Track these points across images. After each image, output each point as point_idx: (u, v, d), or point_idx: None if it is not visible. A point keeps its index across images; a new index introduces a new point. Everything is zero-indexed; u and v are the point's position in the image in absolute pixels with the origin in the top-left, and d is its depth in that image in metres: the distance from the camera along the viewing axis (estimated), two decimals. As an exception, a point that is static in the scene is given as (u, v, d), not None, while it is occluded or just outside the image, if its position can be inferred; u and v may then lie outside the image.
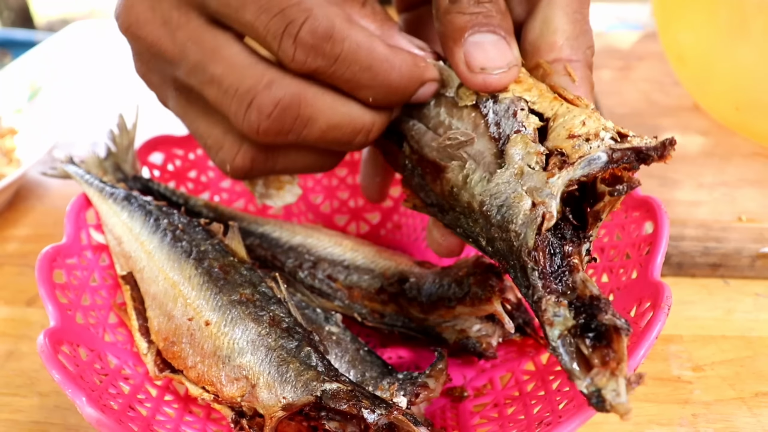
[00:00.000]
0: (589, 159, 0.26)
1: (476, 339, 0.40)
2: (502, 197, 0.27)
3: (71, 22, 1.36)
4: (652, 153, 0.26)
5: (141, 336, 0.38)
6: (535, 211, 0.26)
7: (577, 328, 0.25)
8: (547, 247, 0.26)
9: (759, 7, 0.49)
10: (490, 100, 0.30)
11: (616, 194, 0.26)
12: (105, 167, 0.49)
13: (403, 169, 0.35)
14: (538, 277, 0.26)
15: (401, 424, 0.30)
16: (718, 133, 0.60)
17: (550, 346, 0.25)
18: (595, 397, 0.24)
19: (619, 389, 0.23)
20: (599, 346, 0.24)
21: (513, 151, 0.28)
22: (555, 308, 0.25)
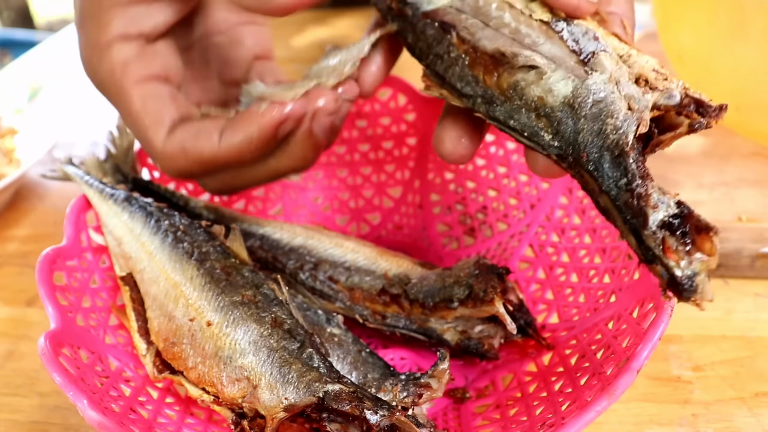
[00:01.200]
0: (670, 93, 0.29)
1: (478, 340, 0.40)
2: (601, 94, 0.29)
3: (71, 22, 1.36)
4: (711, 110, 0.28)
5: (140, 337, 0.38)
6: (633, 114, 0.28)
7: (670, 222, 0.26)
8: (636, 150, 0.28)
9: (759, 8, 0.49)
10: (564, 22, 0.32)
11: (697, 127, 0.28)
12: (105, 169, 0.49)
13: (438, 57, 0.35)
14: (636, 167, 0.27)
15: (403, 425, 0.30)
16: (718, 133, 0.60)
17: (646, 231, 0.26)
18: (689, 281, 0.26)
19: (708, 280, 0.26)
20: (690, 242, 0.26)
21: (606, 63, 0.30)
22: (659, 195, 0.27)
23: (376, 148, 0.56)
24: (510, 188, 0.50)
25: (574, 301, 0.42)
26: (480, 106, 0.33)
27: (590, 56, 0.30)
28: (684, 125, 0.29)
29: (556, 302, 0.43)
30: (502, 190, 0.51)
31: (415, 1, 0.36)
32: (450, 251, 0.53)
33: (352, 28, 1.04)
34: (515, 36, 0.32)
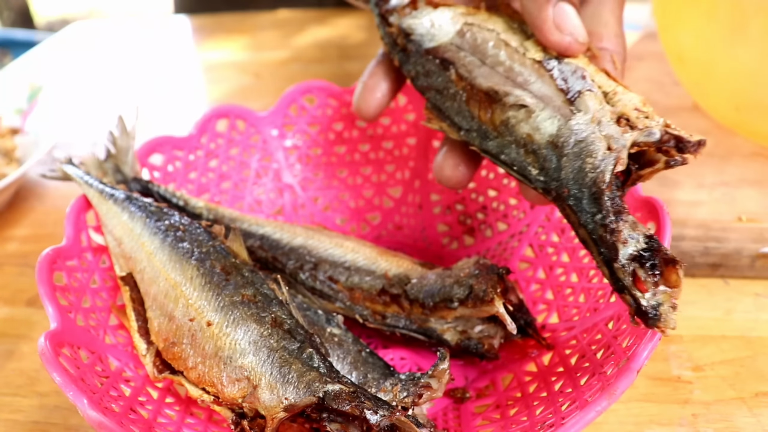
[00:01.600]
0: (649, 131, 0.30)
1: (478, 340, 0.40)
2: (582, 135, 0.31)
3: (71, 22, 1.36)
4: (690, 146, 0.30)
5: (140, 337, 0.38)
6: (612, 153, 0.30)
7: (640, 255, 0.29)
8: (616, 189, 0.30)
9: (759, 8, 0.49)
10: (555, 60, 0.34)
11: (672, 164, 0.31)
12: (105, 169, 0.49)
13: (438, 92, 0.38)
14: (611, 204, 0.30)
15: (403, 425, 0.30)
16: (718, 134, 0.60)
17: (617, 264, 0.29)
18: (653, 310, 0.28)
19: (673, 309, 0.28)
20: (658, 274, 0.28)
21: (589, 104, 0.32)
22: (630, 231, 0.29)
23: (376, 148, 0.56)
24: (510, 188, 0.50)
25: (574, 301, 0.42)
26: (475, 140, 0.36)
27: (576, 95, 0.33)
28: (661, 162, 0.31)
29: (556, 302, 0.43)
30: (502, 190, 0.51)
31: (418, 38, 0.39)
32: (450, 251, 0.53)
33: (352, 28, 1.04)
34: (509, 74, 0.35)
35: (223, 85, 0.90)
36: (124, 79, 0.96)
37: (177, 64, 1.00)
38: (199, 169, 0.53)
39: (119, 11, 3.03)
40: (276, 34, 1.06)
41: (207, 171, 0.53)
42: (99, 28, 1.17)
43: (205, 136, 0.52)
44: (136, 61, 1.02)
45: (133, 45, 1.09)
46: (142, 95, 0.89)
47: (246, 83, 0.89)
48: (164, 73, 0.97)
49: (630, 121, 0.31)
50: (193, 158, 0.52)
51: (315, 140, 0.55)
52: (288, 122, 0.55)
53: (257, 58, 0.97)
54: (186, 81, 0.94)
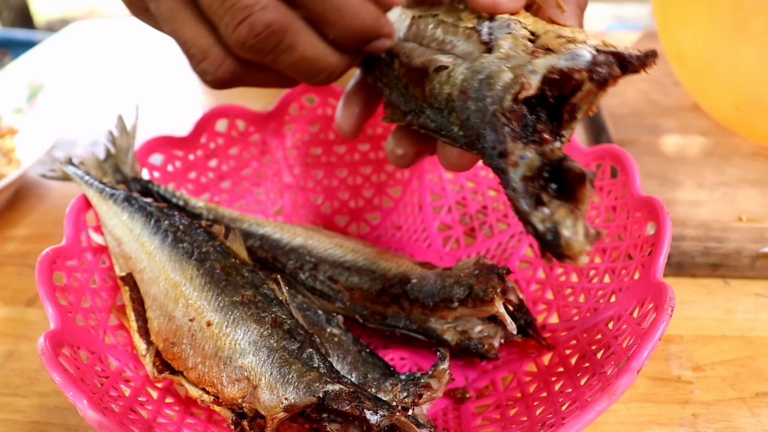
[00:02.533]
0: (574, 53, 0.26)
1: (478, 340, 0.40)
2: (485, 72, 0.28)
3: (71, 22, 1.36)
4: (634, 60, 0.26)
5: (140, 337, 0.38)
6: (515, 80, 0.26)
7: (542, 175, 0.24)
8: (522, 117, 0.26)
9: (759, 7, 0.49)
10: (487, 21, 0.31)
11: (596, 78, 0.26)
12: (104, 168, 0.49)
13: (389, 87, 0.37)
14: (509, 132, 0.25)
15: (403, 425, 0.30)
16: (718, 133, 0.60)
17: (510, 189, 0.25)
18: (551, 233, 0.23)
19: (578, 228, 0.23)
20: (560, 193, 0.24)
21: (503, 44, 0.29)
22: (521, 151, 0.25)
23: (376, 148, 0.56)
24: (510, 188, 0.50)
25: (575, 301, 0.42)
26: (415, 120, 0.34)
27: (494, 40, 0.29)
28: (586, 81, 0.26)
29: (556, 302, 0.43)
30: (502, 190, 0.51)
31: None
32: (450, 251, 0.53)
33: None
34: (440, 46, 0.33)
35: (223, 85, 0.90)
36: (124, 78, 0.95)
37: (177, 64, 1.00)
38: (198, 168, 0.52)
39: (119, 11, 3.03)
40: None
41: (207, 171, 0.53)
42: (99, 28, 1.17)
43: (205, 135, 0.52)
44: (135, 61, 1.02)
45: (133, 45, 1.09)
46: (142, 95, 0.89)
47: (246, 83, 0.89)
48: (164, 73, 0.97)
49: (551, 50, 0.27)
50: (193, 158, 0.52)
51: (315, 140, 0.55)
52: (288, 122, 0.55)
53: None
54: (186, 81, 0.94)
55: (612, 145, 0.42)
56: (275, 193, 0.56)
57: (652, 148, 0.58)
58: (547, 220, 0.23)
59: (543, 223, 0.23)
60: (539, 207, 0.23)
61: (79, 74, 0.97)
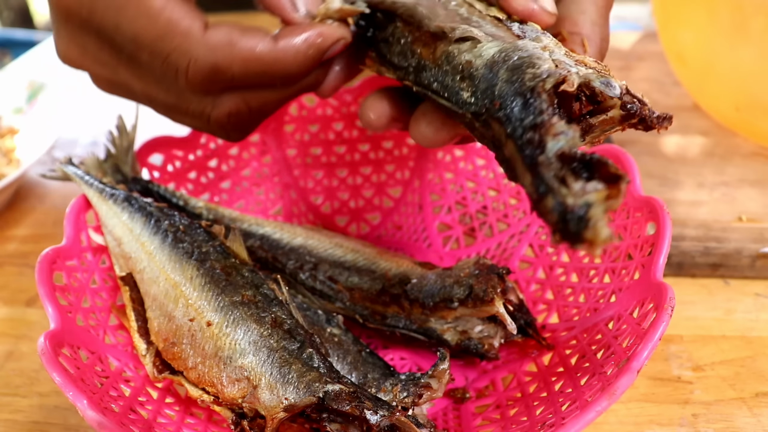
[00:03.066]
0: (609, 81, 0.27)
1: (478, 340, 0.40)
2: (527, 52, 0.28)
3: (70, 21, 1.36)
4: (653, 116, 0.27)
5: (140, 337, 0.38)
6: (559, 70, 0.26)
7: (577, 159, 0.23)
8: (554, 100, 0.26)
9: (759, 7, 0.49)
10: (518, 22, 0.31)
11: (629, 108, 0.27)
12: (105, 168, 0.49)
13: (384, 41, 0.36)
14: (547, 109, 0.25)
15: (403, 425, 0.30)
16: (718, 133, 0.60)
17: (537, 163, 0.23)
18: (582, 210, 0.21)
19: (606, 217, 0.21)
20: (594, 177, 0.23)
21: (541, 37, 0.29)
22: (564, 127, 0.24)
23: (376, 148, 0.56)
24: (510, 188, 0.50)
25: (575, 301, 0.42)
26: (410, 75, 0.33)
27: (528, 36, 0.30)
28: (617, 112, 0.27)
29: (556, 302, 0.43)
30: (502, 190, 0.51)
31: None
32: (450, 251, 0.53)
33: (352, 28, 1.04)
34: (465, 22, 0.32)
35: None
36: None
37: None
38: (198, 168, 0.52)
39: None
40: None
41: (207, 171, 0.53)
42: (99, 28, 1.17)
43: (205, 135, 0.52)
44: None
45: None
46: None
47: (246, 83, 0.89)
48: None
49: (587, 65, 0.28)
50: (193, 158, 0.52)
51: (315, 140, 0.55)
52: (288, 122, 0.55)
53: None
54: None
55: (612, 145, 0.42)
56: (275, 193, 0.56)
57: (652, 148, 0.58)
58: (579, 197, 0.22)
59: (575, 198, 0.22)
60: (571, 183, 0.22)
61: (79, 74, 0.96)
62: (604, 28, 0.35)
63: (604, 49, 0.35)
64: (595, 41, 0.34)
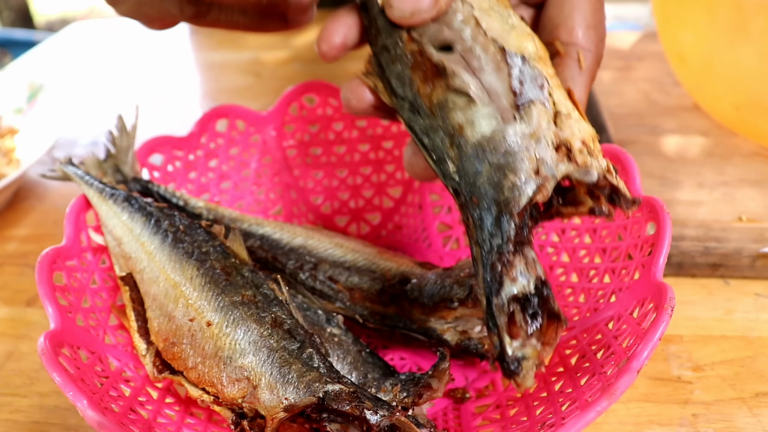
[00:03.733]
0: (587, 171, 0.28)
1: (478, 340, 0.40)
2: (514, 147, 0.29)
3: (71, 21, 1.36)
4: (624, 201, 0.29)
5: (140, 337, 0.38)
6: (537, 178, 0.28)
7: (525, 298, 0.27)
8: (525, 214, 0.28)
9: (759, 7, 0.49)
10: (520, 58, 0.31)
11: (597, 213, 0.29)
12: (104, 168, 0.49)
13: (385, 48, 0.34)
14: (515, 233, 0.27)
15: (403, 425, 0.30)
16: (718, 133, 0.60)
17: (497, 300, 0.27)
18: (516, 362, 0.26)
19: (534, 369, 0.27)
20: (536, 325, 0.27)
21: (535, 117, 0.29)
22: (523, 269, 0.27)
23: (376, 148, 0.56)
24: (510, 188, 0.50)
25: (575, 301, 0.42)
26: (405, 112, 0.33)
27: (527, 104, 0.29)
28: (586, 206, 0.29)
29: (556, 302, 0.43)
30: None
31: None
32: (450, 251, 0.53)
33: (352, 28, 1.04)
34: (465, 54, 0.31)
35: (223, 85, 0.90)
36: (124, 78, 0.95)
37: (177, 64, 1.00)
38: (198, 169, 0.52)
39: (119, 11, 3.02)
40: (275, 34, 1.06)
41: (207, 171, 0.53)
42: (99, 28, 1.17)
43: (205, 135, 0.52)
44: (135, 61, 1.02)
45: (133, 45, 1.09)
46: (142, 95, 0.89)
47: (246, 83, 0.89)
48: (164, 73, 0.97)
49: (571, 153, 0.28)
50: (193, 158, 0.52)
51: (315, 140, 0.55)
52: (288, 122, 0.55)
53: (257, 58, 0.97)
54: (186, 81, 0.94)
55: (612, 145, 0.42)
56: (275, 193, 0.56)
57: (652, 148, 0.58)
58: (518, 350, 0.26)
59: (513, 351, 0.26)
60: (514, 333, 0.27)
61: (79, 74, 0.97)
62: (600, 28, 0.33)
63: (601, 51, 0.34)
64: (591, 50, 0.33)
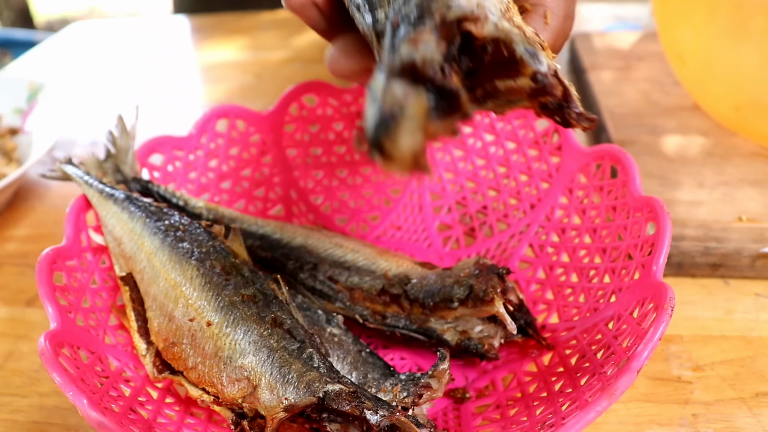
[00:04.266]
0: (536, 53, 0.23)
1: (478, 340, 0.40)
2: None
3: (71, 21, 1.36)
4: (570, 108, 0.24)
5: (140, 337, 0.38)
6: (477, 9, 0.22)
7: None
8: (452, 41, 0.22)
9: (759, 7, 0.49)
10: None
11: (541, 83, 0.23)
12: (105, 168, 0.49)
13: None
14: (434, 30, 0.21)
15: (403, 425, 0.30)
16: (718, 133, 0.60)
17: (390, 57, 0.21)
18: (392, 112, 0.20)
19: (416, 134, 0.20)
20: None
21: None
22: (433, 44, 0.21)
23: (376, 148, 0.56)
24: (510, 188, 0.50)
25: (575, 302, 0.42)
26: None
27: None
28: (526, 77, 0.23)
29: (556, 302, 0.43)
30: (502, 190, 0.51)
31: None
32: (450, 251, 0.53)
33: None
34: None
35: (223, 85, 0.90)
36: (124, 79, 0.95)
37: (177, 64, 1.00)
38: (198, 169, 0.52)
39: (119, 11, 3.03)
40: (276, 34, 1.06)
41: (207, 171, 0.53)
42: (99, 28, 1.17)
43: (205, 135, 0.52)
44: (136, 61, 1.02)
45: (133, 45, 1.09)
46: (142, 95, 0.89)
47: (246, 83, 0.89)
48: (164, 73, 0.97)
49: (521, 29, 0.24)
50: (193, 158, 0.52)
51: (315, 140, 0.55)
52: (288, 122, 0.55)
53: (257, 58, 0.97)
54: (186, 81, 0.94)
55: (612, 145, 0.42)
56: (275, 193, 0.56)
57: (652, 148, 0.58)
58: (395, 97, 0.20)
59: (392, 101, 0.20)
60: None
61: (79, 74, 0.97)
62: (570, 5, 0.32)
63: (568, 28, 0.32)
64: (559, 15, 0.31)
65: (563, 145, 0.46)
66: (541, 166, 0.48)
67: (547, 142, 0.48)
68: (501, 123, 0.51)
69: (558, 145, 0.47)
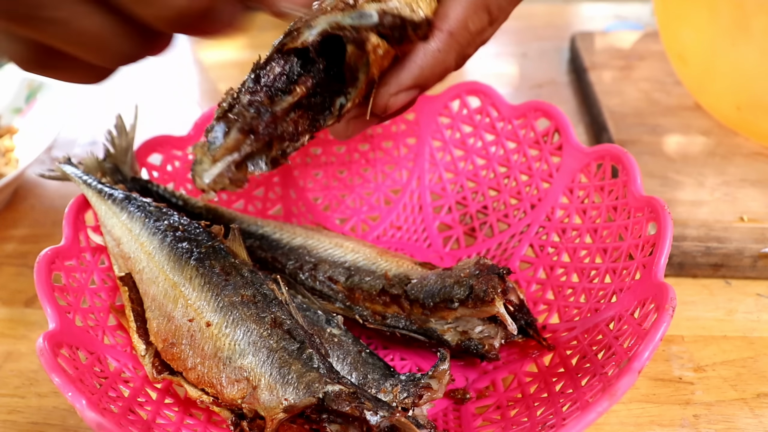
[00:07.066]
0: (362, 12, 0.26)
1: (478, 341, 0.40)
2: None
3: (70, 21, 1.35)
4: (416, 29, 0.26)
5: (139, 337, 0.38)
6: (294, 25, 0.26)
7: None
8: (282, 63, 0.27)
9: (760, 6, 0.48)
10: None
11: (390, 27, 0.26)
12: (103, 168, 0.49)
13: None
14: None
15: (403, 426, 0.30)
16: (719, 133, 0.60)
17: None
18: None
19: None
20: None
21: None
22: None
23: (375, 148, 0.56)
24: (510, 188, 0.50)
25: (575, 302, 0.42)
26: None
27: None
28: (371, 38, 0.26)
29: (556, 302, 0.43)
30: (502, 190, 0.51)
31: None
32: (450, 251, 0.53)
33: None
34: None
35: (223, 85, 0.90)
36: (124, 78, 0.95)
37: (176, 64, 1.00)
38: (198, 168, 0.52)
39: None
40: (276, 34, 1.06)
41: (206, 171, 0.53)
42: (98, 28, 1.17)
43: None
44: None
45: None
46: (141, 95, 0.89)
47: (246, 83, 0.89)
48: (163, 72, 0.97)
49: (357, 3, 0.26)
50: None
51: (315, 140, 0.55)
52: (288, 122, 0.54)
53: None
54: (185, 81, 0.94)
55: (613, 145, 0.42)
56: (275, 193, 0.55)
57: (653, 147, 0.58)
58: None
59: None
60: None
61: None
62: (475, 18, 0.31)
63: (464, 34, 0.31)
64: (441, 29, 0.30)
65: (564, 144, 0.46)
66: (542, 165, 0.48)
67: (547, 141, 0.48)
68: (501, 123, 0.51)
69: (558, 145, 0.47)
